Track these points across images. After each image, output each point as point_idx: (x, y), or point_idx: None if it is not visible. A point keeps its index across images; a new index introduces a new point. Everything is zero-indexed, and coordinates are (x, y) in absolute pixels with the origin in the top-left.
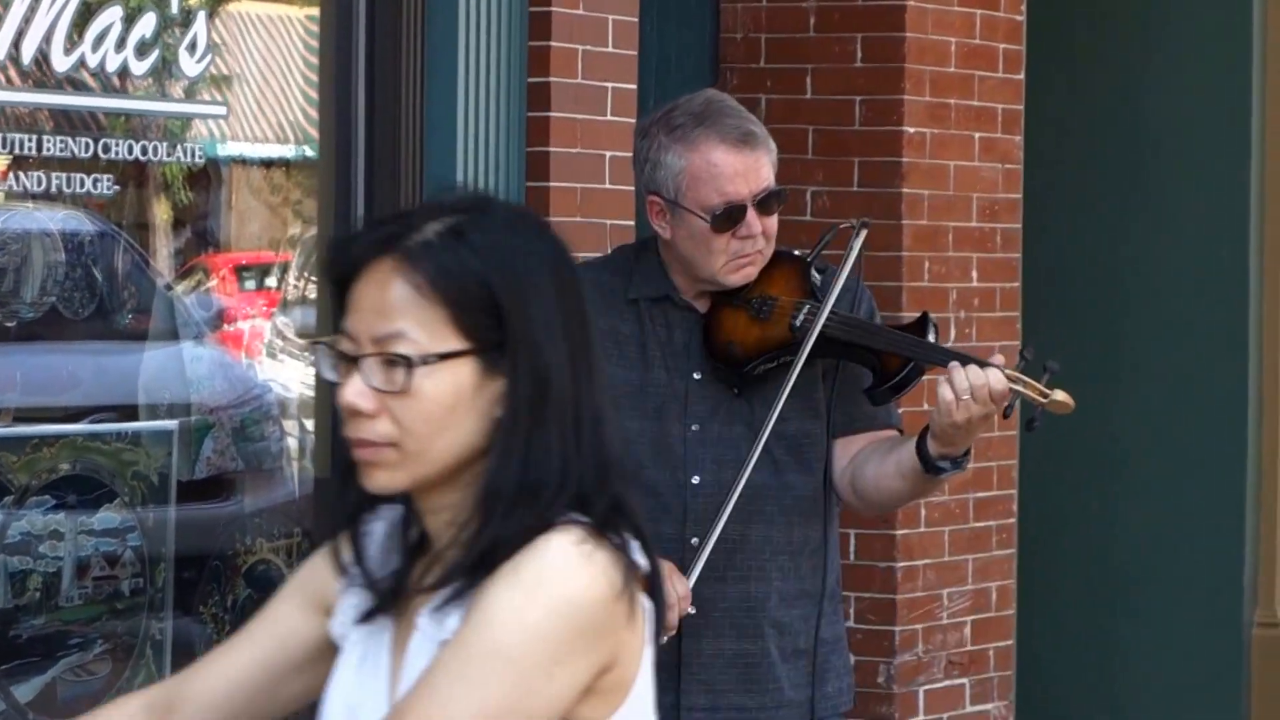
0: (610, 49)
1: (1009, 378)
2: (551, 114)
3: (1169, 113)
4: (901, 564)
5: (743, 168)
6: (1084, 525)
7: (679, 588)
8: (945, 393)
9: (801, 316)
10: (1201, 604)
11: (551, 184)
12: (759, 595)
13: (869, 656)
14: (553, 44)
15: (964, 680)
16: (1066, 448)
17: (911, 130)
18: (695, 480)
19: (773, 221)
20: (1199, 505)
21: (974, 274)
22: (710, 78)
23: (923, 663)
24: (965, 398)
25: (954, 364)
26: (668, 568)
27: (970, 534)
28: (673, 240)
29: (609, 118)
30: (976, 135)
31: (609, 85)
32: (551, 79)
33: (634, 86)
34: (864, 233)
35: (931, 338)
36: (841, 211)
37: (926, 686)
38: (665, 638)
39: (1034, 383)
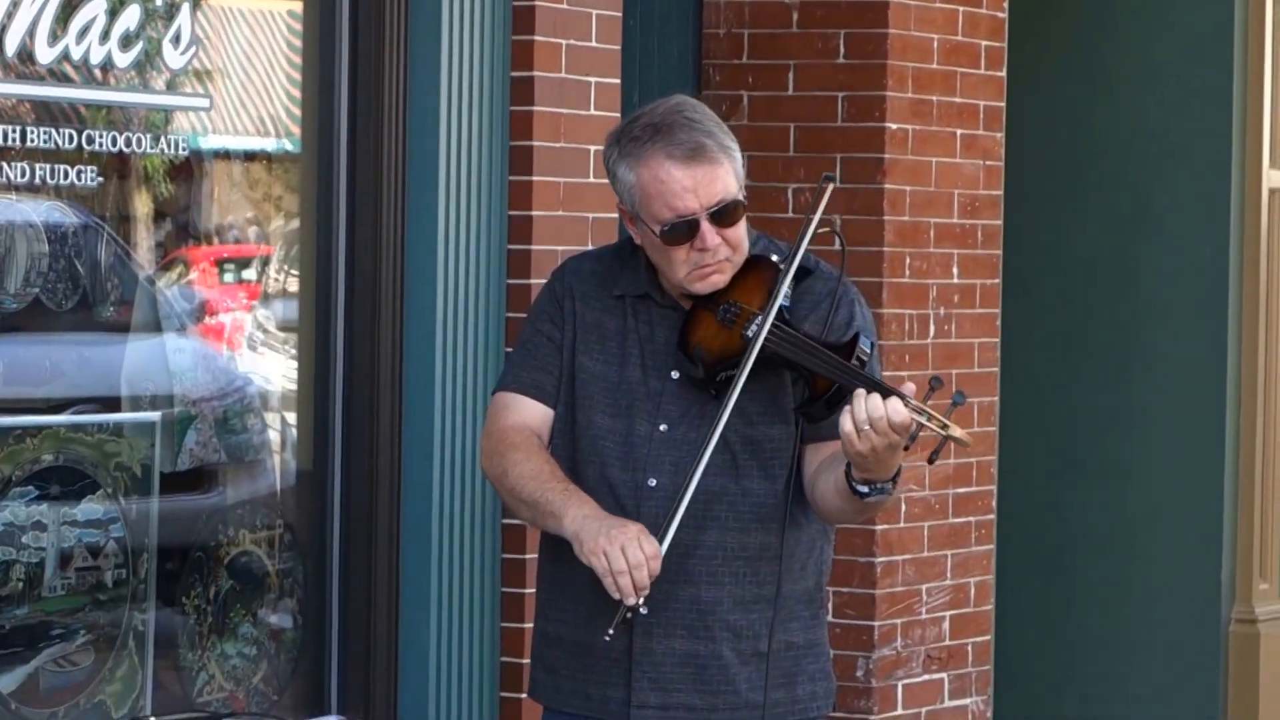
0: (593, 44)
1: (912, 409)
2: (535, 108)
3: (1150, 111)
4: (881, 559)
5: (691, 183)
6: (1062, 521)
7: (647, 548)
8: (845, 423)
9: (753, 327)
10: (1179, 600)
11: (534, 178)
12: (709, 599)
13: (848, 651)
14: (536, 38)
15: (942, 675)
16: (1045, 445)
17: (893, 126)
18: (651, 483)
19: (734, 231)
20: (1178, 503)
21: (955, 270)
22: (692, 73)
23: (901, 657)
24: (865, 428)
25: (858, 392)
26: (637, 528)
27: (949, 530)
28: (644, 249)
29: (592, 112)
30: (958, 132)
31: (592, 80)
32: (535, 73)
33: (617, 81)
34: (829, 187)
35: (865, 356)
36: (824, 207)
37: (905, 681)
38: (639, 599)
39: (937, 415)
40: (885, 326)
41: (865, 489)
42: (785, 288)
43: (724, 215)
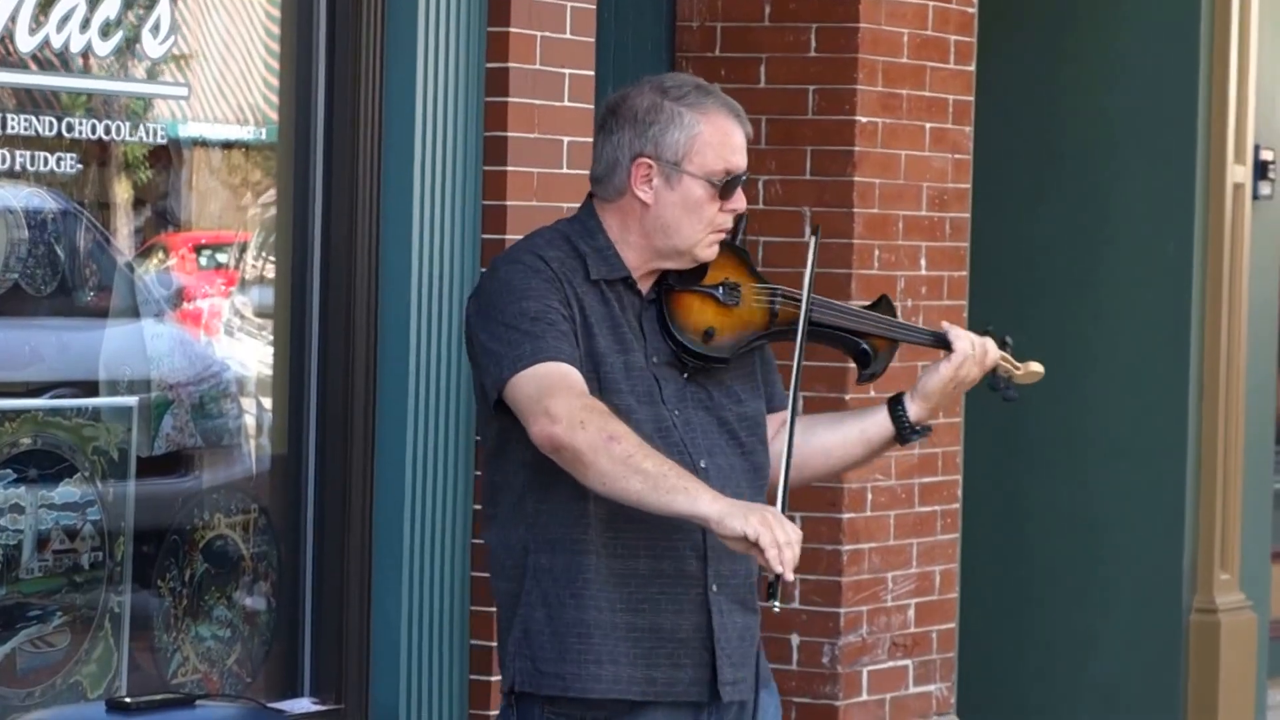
0: (568, 35)
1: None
2: (509, 99)
3: (1117, 106)
4: (847, 547)
5: (741, 141)
6: (1025, 512)
7: (793, 529)
8: (963, 347)
9: (779, 301)
10: (1141, 590)
11: (509, 168)
12: (751, 571)
13: (814, 637)
14: (511, 30)
15: (907, 661)
16: (1011, 435)
17: (864, 120)
18: (702, 464)
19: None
20: (1140, 494)
21: (923, 262)
22: (666, 65)
23: (867, 644)
24: (974, 352)
25: (953, 326)
26: (775, 510)
27: (915, 518)
28: (654, 207)
29: (566, 103)
30: (927, 125)
31: (566, 71)
32: (510, 64)
33: (591, 73)
34: (814, 241)
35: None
36: (794, 199)
37: (870, 667)
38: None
39: (1009, 357)
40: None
41: (920, 429)
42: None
43: (744, 186)
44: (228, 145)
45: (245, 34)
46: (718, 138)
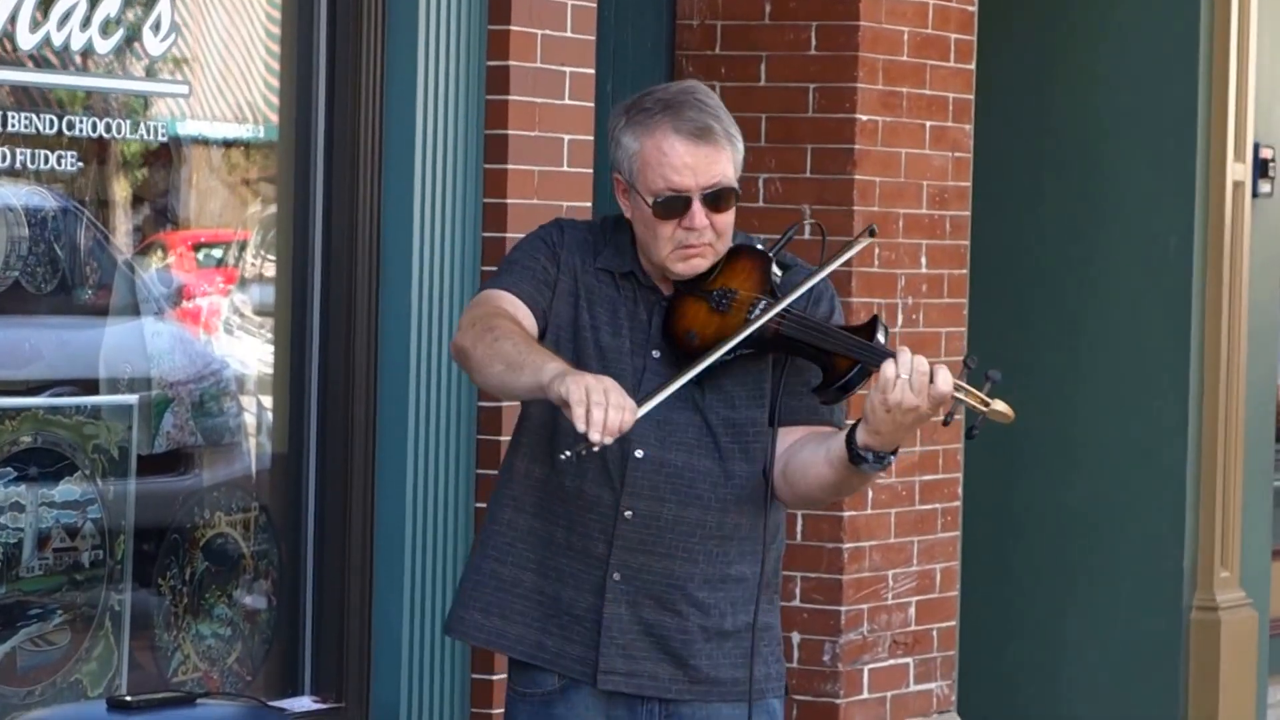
0: (569, 34)
1: (955, 385)
2: (510, 97)
3: (1117, 104)
4: (848, 545)
5: (692, 161)
6: (1027, 509)
7: (626, 401)
8: (889, 368)
9: (757, 312)
10: (1141, 588)
11: (509, 166)
12: (681, 574)
13: (815, 635)
14: (512, 28)
15: (908, 660)
16: (1011, 434)
17: (864, 118)
18: (639, 454)
19: (724, 217)
20: (1141, 492)
21: (923, 260)
22: (666, 64)
23: (868, 642)
24: (905, 376)
25: (903, 348)
26: (617, 385)
27: (916, 516)
28: (632, 222)
29: (567, 101)
30: (928, 124)
31: (567, 70)
32: (511, 63)
33: (592, 71)
34: (867, 240)
35: (882, 338)
36: (794, 198)
37: (871, 665)
38: (603, 441)
39: (975, 391)
40: (854, 315)
41: (868, 456)
42: (827, 271)
43: (717, 199)
44: (228, 143)
45: (246, 32)
46: (655, 156)
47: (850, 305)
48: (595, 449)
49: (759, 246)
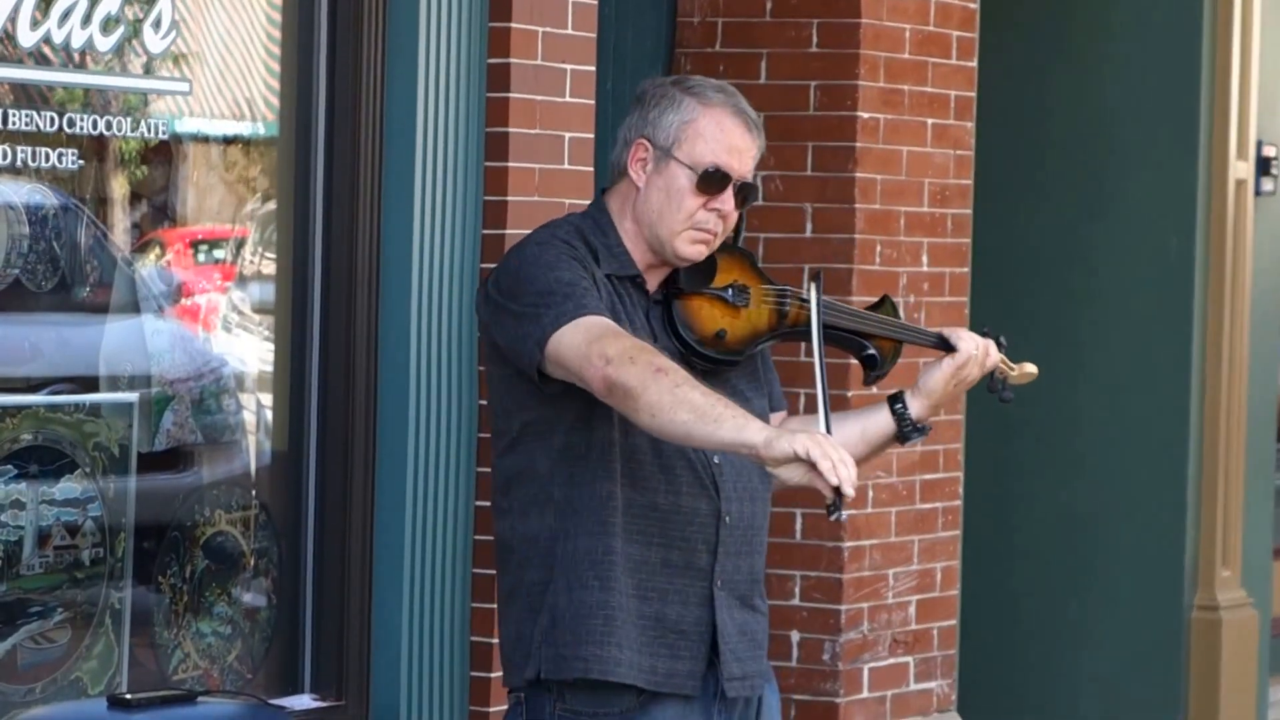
0: (569, 31)
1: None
2: (511, 95)
3: (1119, 102)
4: (848, 544)
5: (742, 145)
6: (1028, 508)
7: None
8: (966, 348)
9: (788, 302)
10: (1142, 587)
11: (510, 164)
12: (757, 570)
13: (815, 634)
14: (513, 25)
15: (908, 659)
16: (1012, 433)
17: (865, 115)
18: (716, 460)
19: (735, 214)
20: (1142, 491)
21: (925, 258)
22: (666, 61)
23: (868, 641)
24: (977, 352)
25: (955, 330)
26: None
27: (916, 515)
28: (643, 190)
29: (567, 99)
30: (929, 121)
31: (568, 67)
32: (511, 60)
33: (593, 68)
34: (814, 285)
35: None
36: (795, 195)
37: (871, 664)
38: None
39: (1005, 358)
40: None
41: (924, 427)
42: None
43: (747, 193)
44: (229, 141)
45: (246, 29)
46: (713, 130)
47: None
48: (845, 503)
49: (729, 244)
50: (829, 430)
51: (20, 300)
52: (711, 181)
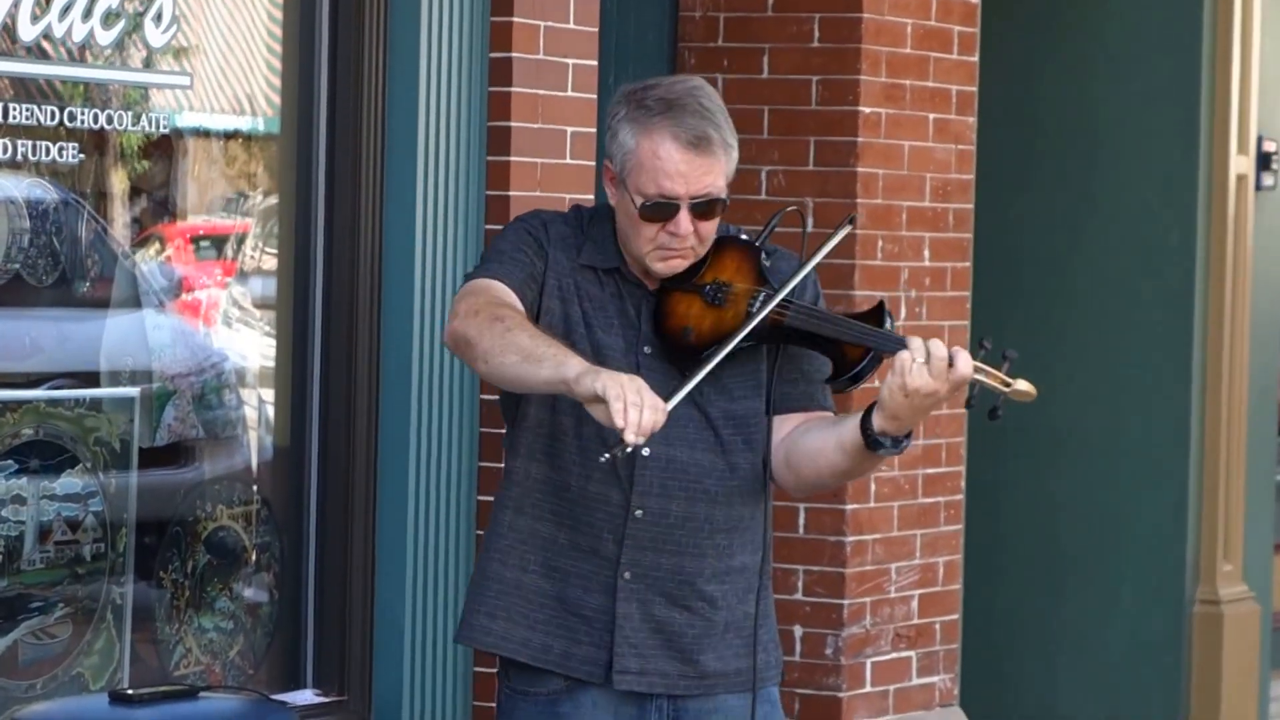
0: (571, 25)
1: (975, 368)
2: (513, 89)
3: (1120, 98)
4: (851, 538)
5: (687, 169)
6: (1030, 502)
7: (656, 399)
8: (904, 355)
9: (758, 304)
10: (1145, 581)
11: (512, 158)
12: (691, 570)
13: (817, 629)
14: (515, 19)
15: (911, 653)
16: (1014, 426)
17: (867, 110)
18: (646, 452)
19: (709, 225)
20: (1143, 485)
21: (926, 253)
22: (668, 56)
23: (870, 635)
24: (921, 360)
25: (914, 339)
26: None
27: (919, 509)
28: (616, 210)
29: (569, 93)
30: (931, 116)
31: (570, 61)
32: (513, 54)
33: (595, 63)
34: (849, 227)
35: (888, 325)
36: (797, 190)
37: (874, 658)
38: (640, 441)
39: (996, 372)
40: (857, 308)
41: (885, 441)
42: (814, 260)
43: (705, 209)
44: (230, 135)
45: (247, 24)
46: (650, 160)
47: (853, 299)
48: (630, 450)
49: (744, 238)
50: (672, 398)
51: (21, 295)
52: (656, 211)
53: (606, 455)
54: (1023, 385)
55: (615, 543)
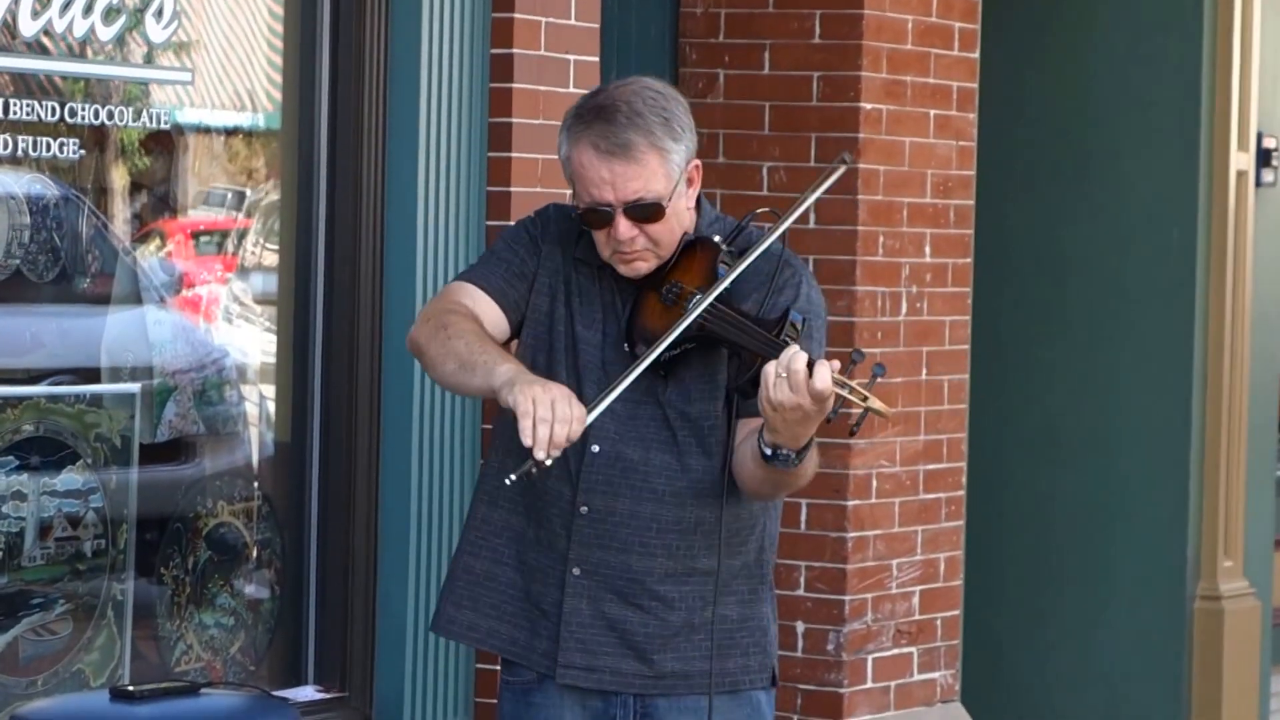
0: (572, 21)
1: (835, 381)
2: (514, 85)
3: (1119, 93)
4: (852, 534)
5: (609, 176)
6: (1031, 498)
7: (575, 409)
8: (768, 369)
9: (690, 307)
10: (1145, 577)
11: (513, 154)
12: (640, 569)
13: (819, 625)
14: (516, 16)
15: (912, 649)
16: (1015, 422)
17: (868, 106)
18: (594, 449)
19: (656, 227)
20: (1143, 481)
21: (927, 249)
22: (669, 51)
23: (872, 631)
24: (783, 375)
25: (787, 350)
26: (568, 391)
27: (920, 506)
28: None
29: (571, 89)
30: (932, 112)
31: (571, 57)
32: (514, 50)
33: (596, 59)
34: (843, 167)
35: (795, 331)
36: (798, 186)
37: (875, 655)
38: (548, 458)
39: (857, 387)
40: (858, 304)
41: (769, 451)
42: (740, 267)
43: (640, 213)
44: (231, 131)
45: (248, 19)
46: (576, 170)
47: (854, 294)
48: (543, 466)
49: (716, 238)
50: (594, 408)
51: (21, 291)
52: (593, 218)
53: (513, 477)
54: (875, 404)
55: (565, 538)
